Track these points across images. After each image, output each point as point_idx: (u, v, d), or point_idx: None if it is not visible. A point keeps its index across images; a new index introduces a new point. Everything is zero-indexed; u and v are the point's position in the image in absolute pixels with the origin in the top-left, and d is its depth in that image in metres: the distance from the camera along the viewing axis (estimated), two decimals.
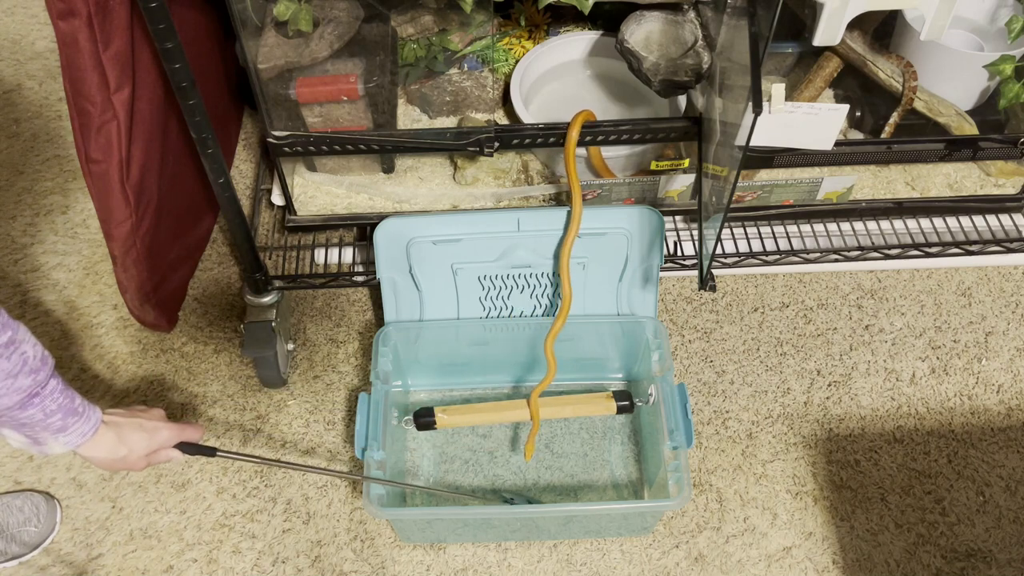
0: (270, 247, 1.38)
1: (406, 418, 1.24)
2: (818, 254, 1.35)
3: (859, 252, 1.36)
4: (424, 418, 1.23)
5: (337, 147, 1.18)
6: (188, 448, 0.96)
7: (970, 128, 1.25)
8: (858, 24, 1.19)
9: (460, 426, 1.29)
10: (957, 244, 1.36)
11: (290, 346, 1.39)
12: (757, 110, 0.92)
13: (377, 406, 1.15)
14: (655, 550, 1.21)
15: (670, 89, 1.19)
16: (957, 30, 1.33)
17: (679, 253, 1.35)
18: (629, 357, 1.33)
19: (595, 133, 1.19)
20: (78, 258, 1.52)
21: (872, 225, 1.41)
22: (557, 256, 1.25)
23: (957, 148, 1.24)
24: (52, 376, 0.80)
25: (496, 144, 1.18)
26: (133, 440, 0.90)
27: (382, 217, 1.24)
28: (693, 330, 1.44)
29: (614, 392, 1.28)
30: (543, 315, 1.30)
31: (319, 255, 1.40)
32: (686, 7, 1.20)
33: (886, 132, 1.26)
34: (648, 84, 1.20)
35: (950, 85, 1.27)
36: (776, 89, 1.04)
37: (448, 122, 1.35)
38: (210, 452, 0.98)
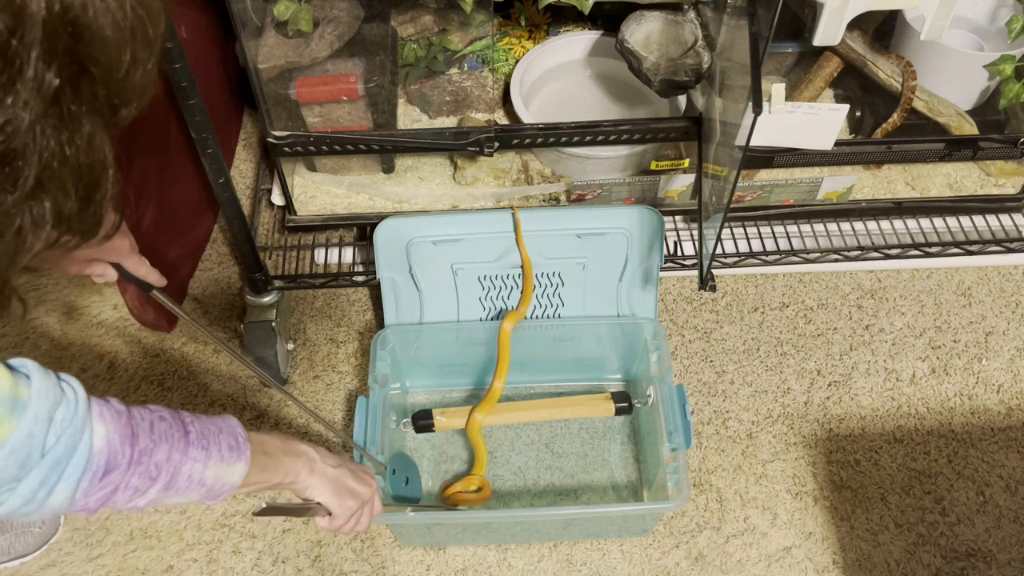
0: (270, 247, 1.38)
1: (404, 420, 1.24)
2: (818, 254, 1.35)
3: (859, 252, 1.36)
4: (423, 421, 1.23)
5: (337, 147, 1.18)
6: (125, 274, 0.89)
7: (970, 128, 1.25)
8: (858, 24, 1.19)
9: (459, 428, 1.29)
10: (957, 244, 1.36)
11: (290, 346, 1.39)
12: (757, 110, 0.92)
13: (375, 410, 1.15)
14: (655, 550, 1.21)
15: (670, 89, 1.19)
16: (957, 30, 1.33)
17: (679, 253, 1.35)
18: (627, 358, 1.32)
19: (595, 133, 1.19)
20: None
21: (872, 225, 1.41)
22: (557, 257, 1.25)
23: (957, 148, 1.24)
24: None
25: (496, 144, 1.18)
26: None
27: (382, 217, 1.24)
28: (693, 330, 1.44)
29: (613, 393, 1.28)
30: (543, 315, 1.30)
31: (319, 255, 1.40)
32: (686, 7, 1.20)
33: (881, 131, 1.26)
34: (648, 84, 1.20)
35: (950, 85, 1.27)
36: (776, 89, 1.04)
37: (448, 122, 1.35)
38: (145, 288, 0.91)
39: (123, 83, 0.51)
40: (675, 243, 1.37)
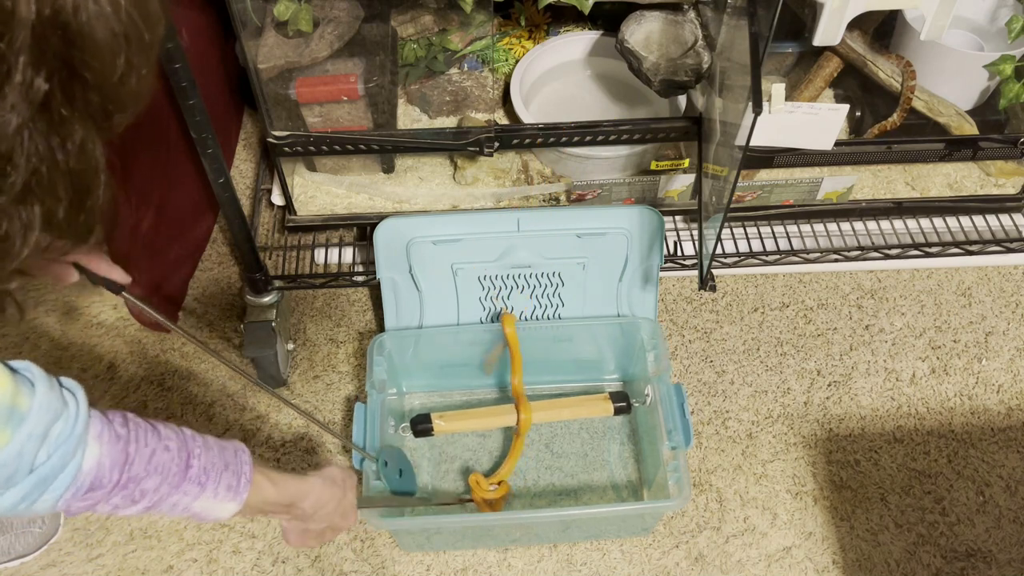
0: (270, 247, 1.38)
1: (403, 425, 1.24)
2: (818, 254, 1.35)
3: (859, 252, 1.36)
4: (421, 425, 1.23)
5: (337, 147, 1.18)
6: (90, 275, 0.83)
7: (970, 128, 1.25)
8: (858, 24, 1.19)
9: (458, 431, 1.29)
10: (957, 244, 1.36)
11: (290, 346, 1.39)
12: (757, 110, 0.92)
13: (373, 416, 1.15)
14: (655, 550, 1.21)
15: (670, 89, 1.19)
16: (957, 30, 1.34)
17: (679, 253, 1.35)
18: (625, 358, 1.32)
19: (595, 133, 1.19)
20: None
21: (872, 225, 1.41)
22: (557, 257, 1.25)
23: (957, 148, 1.24)
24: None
25: (496, 144, 1.18)
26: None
27: (382, 217, 1.24)
28: (693, 330, 1.44)
29: (611, 393, 1.28)
30: (543, 316, 1.30)
31: (319, 255, 1.40)
32: (686, 7, 1.20)
33: (878, 129, 1.26)
34: (648, 84, 1.20)
35: (950, 85, 1.27)
36: (776, 89, 1.04)
37: (448, 122, 1.35)
38: (115, 289, 0.84)
39: (117, 89, 0.50)
40: (675, 243, 1.37)
